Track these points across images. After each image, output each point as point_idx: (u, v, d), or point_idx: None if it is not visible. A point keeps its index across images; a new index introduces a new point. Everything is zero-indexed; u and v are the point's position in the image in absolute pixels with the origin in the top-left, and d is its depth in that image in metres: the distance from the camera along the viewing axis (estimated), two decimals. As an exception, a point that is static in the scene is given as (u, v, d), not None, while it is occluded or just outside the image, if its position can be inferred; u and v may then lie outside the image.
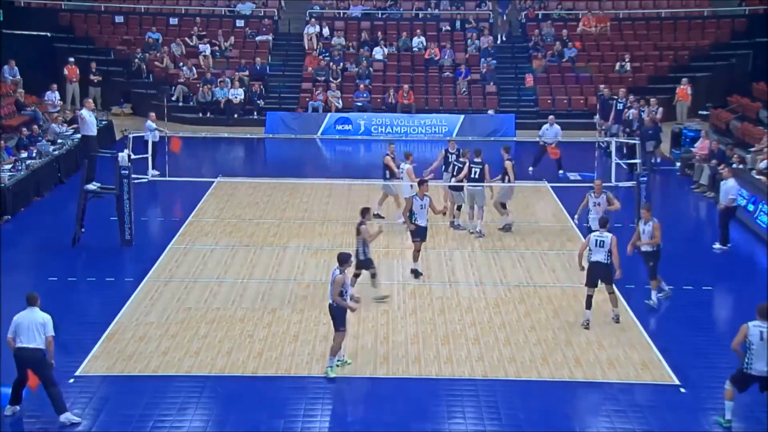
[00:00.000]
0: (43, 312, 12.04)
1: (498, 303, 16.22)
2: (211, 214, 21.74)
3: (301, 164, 28.06)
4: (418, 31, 36.37)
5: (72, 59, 32.61)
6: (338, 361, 13.54)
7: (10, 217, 20.63)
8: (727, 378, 12.11)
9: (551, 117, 26.71)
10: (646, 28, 36.78)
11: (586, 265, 15.43)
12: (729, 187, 19.55)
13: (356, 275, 15.88)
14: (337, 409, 12.53)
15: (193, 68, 34.30)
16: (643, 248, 16.28)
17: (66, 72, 32.22)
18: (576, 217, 19.06)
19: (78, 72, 32.34)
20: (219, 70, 34.56)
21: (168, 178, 22.41)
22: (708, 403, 12.78)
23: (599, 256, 15.21)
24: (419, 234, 17.53)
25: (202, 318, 15.39)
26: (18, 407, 12.10)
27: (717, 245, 19.55)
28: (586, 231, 17.65)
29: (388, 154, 20.97)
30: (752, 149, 24.62)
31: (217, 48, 35.55)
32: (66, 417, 11.96)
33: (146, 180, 21.78)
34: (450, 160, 21.16)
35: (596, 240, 15.26)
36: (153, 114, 26.06)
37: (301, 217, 21.26)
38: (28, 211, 21.91)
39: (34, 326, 11.86)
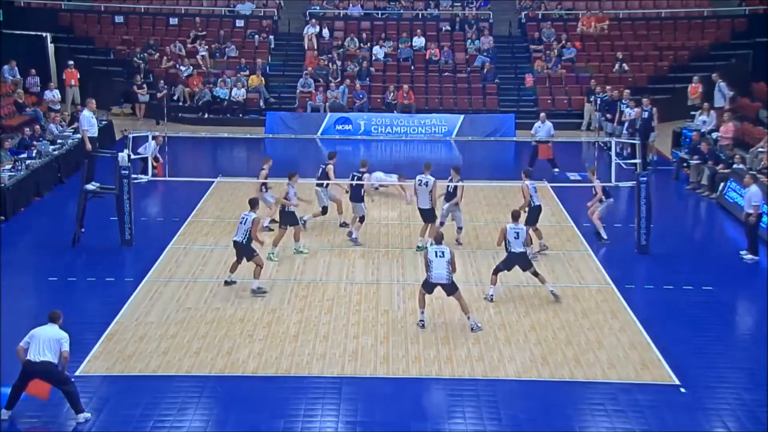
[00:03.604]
0: (61, 330, 12.04)
1: (498, 303, 16.22)
2: (211, 214, 21.74)
3: (301, 164, 28.04)
4: (418, 31, 36.40)
5: (71, 62, 32.58)
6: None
7: (3, 218, 20.60)
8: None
9: (542, 114, 26.69)
10: (646, 28, 36.81)
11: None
12: (752, 193, 18.83)
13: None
14: (337, 409, 12.53)
15: (191, 67, 34.37)
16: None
17: (65, 76, 32.18)
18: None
19: (78, 75, 32.28)
20: (219, 70, 34.62)
21: (168, 178, 22.40)
22: (708, 403, 12.78)
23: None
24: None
25: (202, 318, 15.39)
26: (8, 413, 12.04)
27: (748, 255, 18.73)
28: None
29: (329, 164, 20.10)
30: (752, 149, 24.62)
31: (216, 48, 35.63)
32: (83, 416, 12.00)
33: (146, 180, 21.78)
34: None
35: (435, 252, 15.00)
36: (160, 137, 24.62)
37: (300, 217, 21.19)
38: (28, 211, 21.90)
39: (49, 342, 11.86)
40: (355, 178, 19.64)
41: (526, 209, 18.22)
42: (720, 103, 28.61)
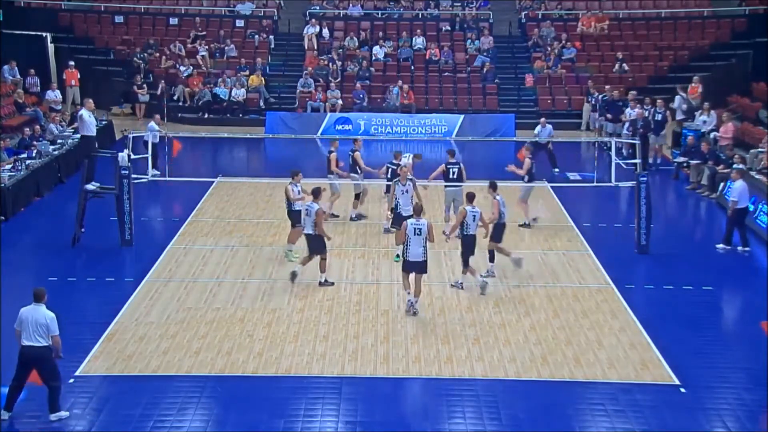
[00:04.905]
0: (47, 310, 11.97)
1: (498, 303, 16.22)
2: (211, 214, 21.74)
3: (301, 164, 28.03)
4: (418, 31, 36.40)
5: (72, 63, 32.58)
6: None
7: (3, 218, 20.62)
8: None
9: (543, 119, 26.76)
10: (646, 28, 36.82)
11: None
12: (733, 188, 19.29)
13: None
14: (337, 409, 12.53)
15: (191, 67, 34.39)
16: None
17: (65, 76, 32.16)
18: (389, 207, 18.93)
19: (78, 76, 32.27)
20: (219, 70, 34.62)
21: (168, 178, 22.40)
22: (708, 403, 12.78)
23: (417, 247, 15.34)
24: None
25: (202, 318, 15.39)
26: (7, 414, 12.01)
27: (745, 249, 19.24)
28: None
29: (356, 150, 20.97)
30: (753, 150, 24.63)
31: (216, 48, 35.65)
32: (57, 415, 11.94)
33: (146, 180, 21.76)
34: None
35: (414, 228, 15.31)
36: (158, 116, 26.26)
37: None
38: (28, 211, 21.91)
39: (36, 326, 11.81)
40: (390, 170, 19.98)
41: (490, 225, 17.12)
42: (679, 116, 29.19)
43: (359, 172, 20.83)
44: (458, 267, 17.95)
